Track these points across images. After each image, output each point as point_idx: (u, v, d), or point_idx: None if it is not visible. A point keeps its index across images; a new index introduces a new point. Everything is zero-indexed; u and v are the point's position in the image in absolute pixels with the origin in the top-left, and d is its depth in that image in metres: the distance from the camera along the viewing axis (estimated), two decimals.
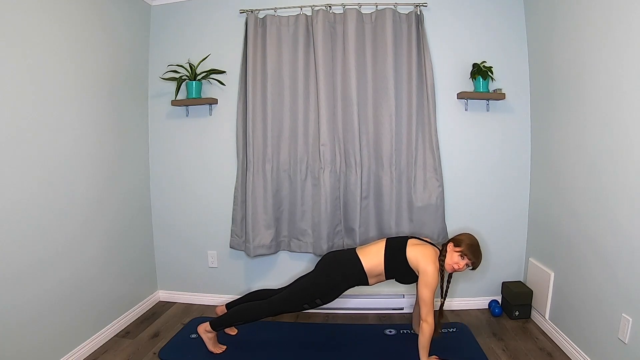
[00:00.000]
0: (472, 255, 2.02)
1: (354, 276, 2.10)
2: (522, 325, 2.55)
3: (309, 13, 2.65)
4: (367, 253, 2.13)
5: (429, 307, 1.94)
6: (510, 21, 2.66)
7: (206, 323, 2.19)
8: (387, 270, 2.09)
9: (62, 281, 2.10)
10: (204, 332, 2.20)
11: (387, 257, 2.08)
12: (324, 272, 2.15)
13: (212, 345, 2.21)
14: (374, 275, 2.11)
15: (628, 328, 1.74)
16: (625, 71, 1.76)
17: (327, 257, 2.23)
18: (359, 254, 2.12)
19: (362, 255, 2.12)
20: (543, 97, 2.52)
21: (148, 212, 2.96)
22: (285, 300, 2.13)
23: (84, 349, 2.23)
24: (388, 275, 2.12)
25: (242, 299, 2.37)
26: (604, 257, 1.93)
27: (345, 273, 2.11)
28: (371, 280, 2.12)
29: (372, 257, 2.10)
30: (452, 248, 2.06)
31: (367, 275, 2.10)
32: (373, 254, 2.11)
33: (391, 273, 2.11)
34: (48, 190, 2.01)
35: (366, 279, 2.11)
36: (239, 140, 2.76)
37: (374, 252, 2.12)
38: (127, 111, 2.69)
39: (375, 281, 2.14)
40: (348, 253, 2.17)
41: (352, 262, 2.11)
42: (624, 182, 1.78)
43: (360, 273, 2.09)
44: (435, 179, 2.60)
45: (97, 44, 2.36)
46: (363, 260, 2.10)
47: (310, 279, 2.16)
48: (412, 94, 2.59)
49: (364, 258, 2.10)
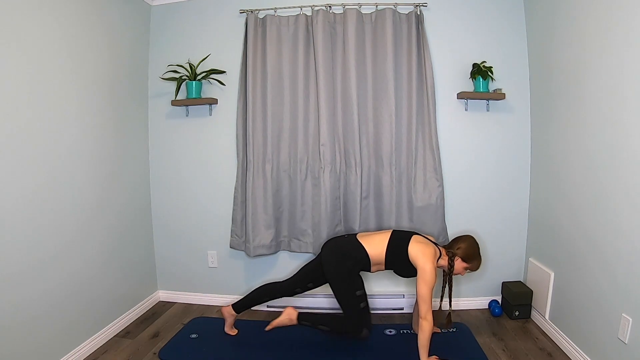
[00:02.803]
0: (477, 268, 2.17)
1: (360, 261, 2.15)
2: (522, 325, 2.55)
3: (309, 13, 2.65)
4: (371, 241, 2.17)
5: (427, 304, 1.95)
6: (510, 21, 2.66)
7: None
8: (387, 261, 2.14)
9: (62, 281, 2.10)
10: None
11: (389, 248, 2.13)
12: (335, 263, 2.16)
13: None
14: (375, 263, 2.17)
15: (628, 328, 1.74)
16: (625, 71, 1.76)
17: (329, 245, 2.24)
18: (361, 241, 2.17)
19: (364, 242, 2.16)
20: (543, 97, 2.52)
21: (148, 212, 2.97)
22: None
23: (84, 349, 2.23)
24: (387, 266, 2.17)
25: (248, 296, 2.40)
26: (604, 257, 1.93)
27: (353, 255, 2.15)
28: (373, 267, 2.18)
29: (375, 245, 2.15)
30: (460, 262, 2.13)
31: (371, 261, 2.15)
32: (376, 243, 2.16)
33: (391, 264, 2.16)
34: (48, 190, 2.01)
35: (369, 266, 2.17)
36: (239, 140, 2.76)
37: (377, 241, 2.16)
38: (127, 111, 2.69)
39: (376, 269, 2.20)
40: (350, 239, 2.21)
41: (356, 248, 2.15)
42: (624, 182, 1.78)
43: (365, 258, 2.14)
44: (435, 179, 2.60)
45: (97, 44, 2.37)
46: (366, 247, 2.14)
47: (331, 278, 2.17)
48: (412, 94, 2.59)
49: (367, 246, 2.15)
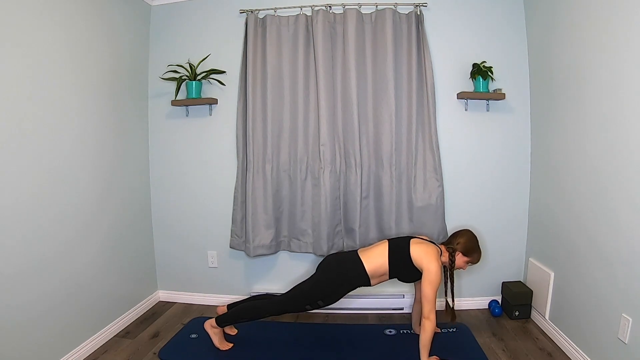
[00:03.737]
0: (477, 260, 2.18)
1: (356, 278, 2.11)
2: (522, 325, 2.55)
3: (309, 13, 2.65)
4: (370, 255, 2.13)
5: (431, 304, 1.94)
6: (510, 21, 2.66)
7: (212, 319, 2.25)
8: (391, 270, 2.11)
9: (62, 281, 2.10)
10: (210, 328, 2.25)
11: (391, 257, 2.10)
12: (326, 274, 2.15)
13: (219, 341, 2.26)
14: (377, 276, 2.12)
15: (628, 328, 1.74)
16: (625, 71, 1.76)
17: (328, 259, 2.23)
18: (361, 256, 2.13)
19: (364, 257, 2.12)
20: (543, 97, 2.52)
21: (148, 212, 2.97)
22: (288, 300, 2.15)
23: (84, 349, 2.23)
24: (392, 275, 2.14)
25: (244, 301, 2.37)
26: (604, 257, 1.93)
27: (347, 275, 2.11)
28: (373, 281, 2.13)
29: (376, 258, 2.11)
30: (460, 257, 2.14)
31: (370, 276, 2.10)
32: (376, 255, 2.12)
33: (395, 272, 2.13)
34: (48, 190, 2.01)
35: (368, 281, 2.12)
36: (238, 140, 2.75)
37: (377, 254, 2.13)
38: (127, 111, 2.69)
39: (377, 281, 2.15)
40: (350, 255, 2.18)
41: (355, 265, 2.11)
42: (624, 182, 1.78)
43: (362, 276, 2.10)
44: (435, 179, 2.60)
45: (97, 44, 2.37)
46: (365, 262, 2.10)
47: (313, 282, 2.16)
48: (412, 94, 2.59)
49: (367, 260, 2.11)
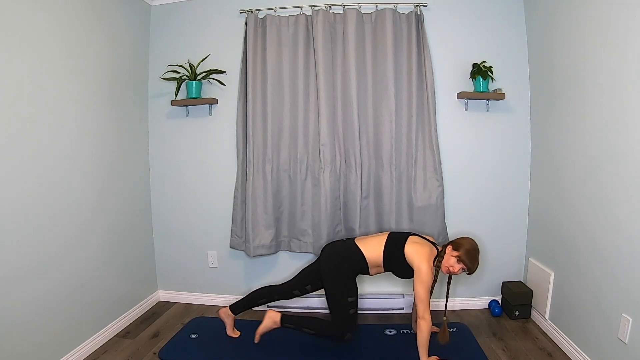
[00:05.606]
0: (469, 261, 2.03)
1: (357, 264, 2.16)
2: (522, 325, 2.55)
3: (309, 13, 2.65)
4: (367, 244, 2.19)
5: (424, 304, 1.95)
6: (510, 21, 2.66)
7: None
8: (385, 263, 2.15)
9: (62, 281, 2.10)
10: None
11: (386, 250, 2.14)
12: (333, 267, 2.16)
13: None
14: (374, 266, 2.18)
15: (628, 328, 1.74)
16: (625, 71, 1.76)
17: (327, 250, 2.26)
18: (358, 244, 2.18)
19: (361, 245, 2.18)
20: (543, 97, 2.52)
21: (148, 212, 2.96)
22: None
23: (84, 349, 2.23)
24: (386, 268, 2.18)
25: (246, 298, 2.40)
26: (604, 257, 1.93)
27: (350, 259, 2.16)
28: (372, 270, 2.19)
29: (373, 248, 2.16)
30: (450, 251, 2.09)
31: (368, 264, 2.16)
32: (373, 246, 2.17)
33: (389, 266, 2.17)
34: (48, 190, 2.01)
35: (367, 269, 2.18)
36: (238, 140, 2.75)
37: (374, 244, 2.17)
38: (127, 111, 2.69)
39: (375, 272, 2.21)
40: (347, 243, 2.24)
41: (353, 251, 2.17)
42: (624, 182, 1.78)
43: (362, 261, 2.15)
44: (435, 179, 2.60)
45: (97, 44, 2.36)
46: (363, 250, 2.16)
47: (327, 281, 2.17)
48: (412, 94, 2.59)
49: (364, 248, 2.16)
